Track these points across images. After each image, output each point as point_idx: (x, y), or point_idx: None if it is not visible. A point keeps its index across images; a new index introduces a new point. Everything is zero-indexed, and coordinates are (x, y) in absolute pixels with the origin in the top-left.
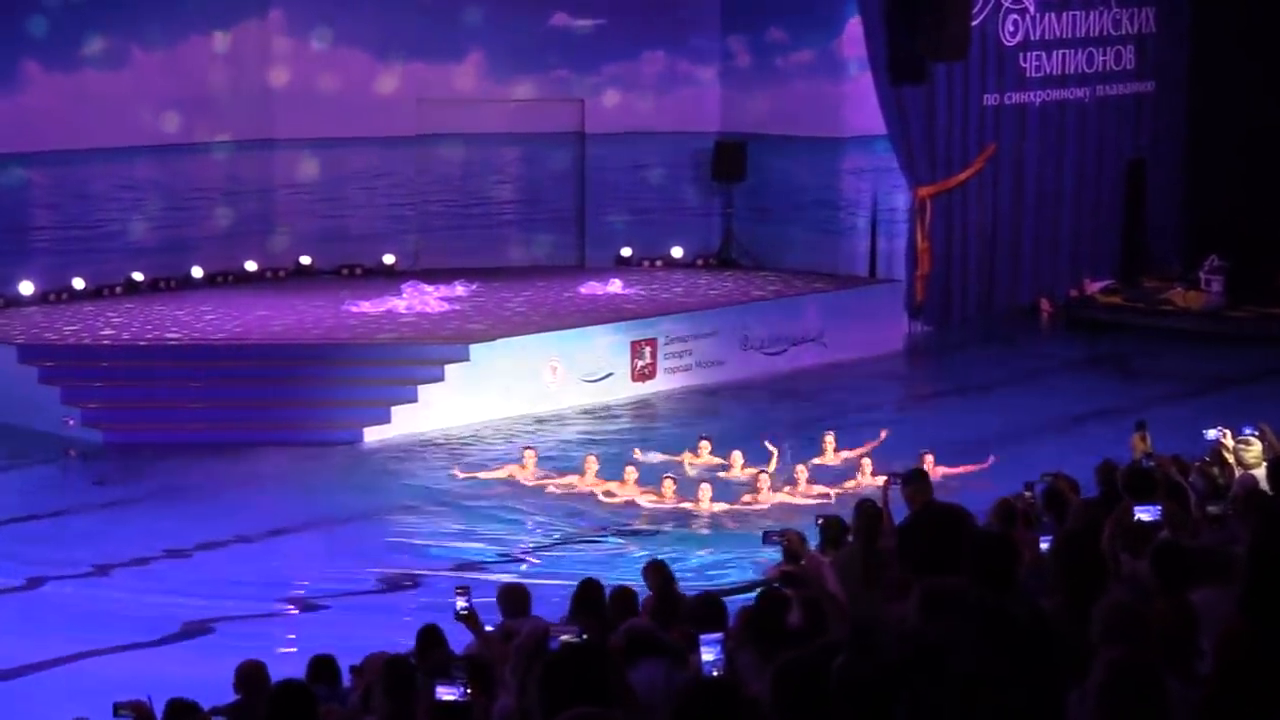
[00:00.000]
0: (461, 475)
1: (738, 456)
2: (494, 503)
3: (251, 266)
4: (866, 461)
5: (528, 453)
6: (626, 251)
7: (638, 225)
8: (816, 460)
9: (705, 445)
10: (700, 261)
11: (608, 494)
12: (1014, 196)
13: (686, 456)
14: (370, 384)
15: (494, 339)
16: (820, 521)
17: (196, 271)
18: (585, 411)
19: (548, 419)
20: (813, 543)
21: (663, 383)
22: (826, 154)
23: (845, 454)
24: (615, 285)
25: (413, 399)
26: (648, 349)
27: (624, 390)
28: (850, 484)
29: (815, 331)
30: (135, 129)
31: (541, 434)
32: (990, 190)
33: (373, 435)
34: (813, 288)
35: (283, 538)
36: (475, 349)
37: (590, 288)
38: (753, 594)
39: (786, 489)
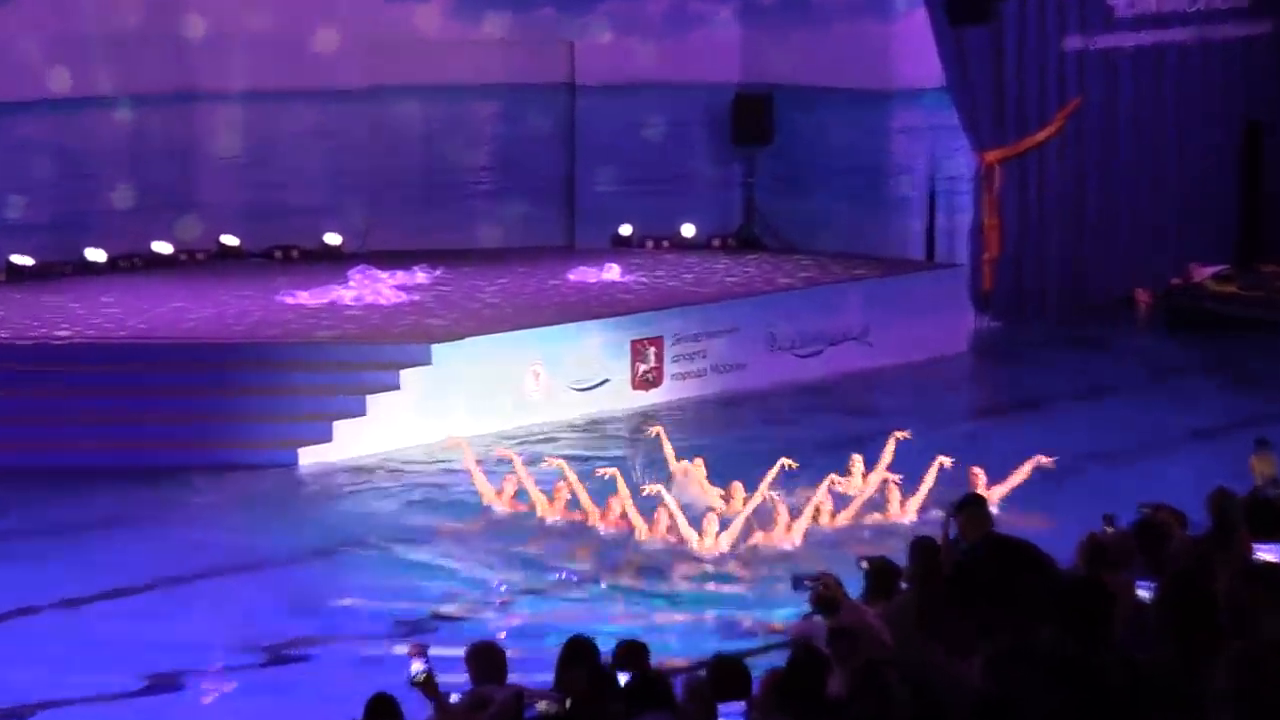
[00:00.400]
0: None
1: (738, 488)
2: (454, 542)
3: (163, 248)
4: (894, 488)
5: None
6: (626, 230)
7: (639, 198)
8: (839, 487)
9: (698, 466)
10: (716, 242)
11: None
12: (1102, 162)
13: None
14: (308, 393)
15: (462, 338)
16: (866, 564)
17: (95, 255)
18: (575, 427)
19: (528, 436)
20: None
21: (670, 391)
22: (871, 110)
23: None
24: (612, 272)
25: (360, 412)
26: (652, 350)
27: (622, 400)
28: (877, 517)
29: (858, 328)
30: (18, 80)
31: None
32: (1073, 155)
33: (310, 457)
34: (854, 274)
35: (182, 589)
36: (439, 350)
37: (581, 274)
38: (760, 653)
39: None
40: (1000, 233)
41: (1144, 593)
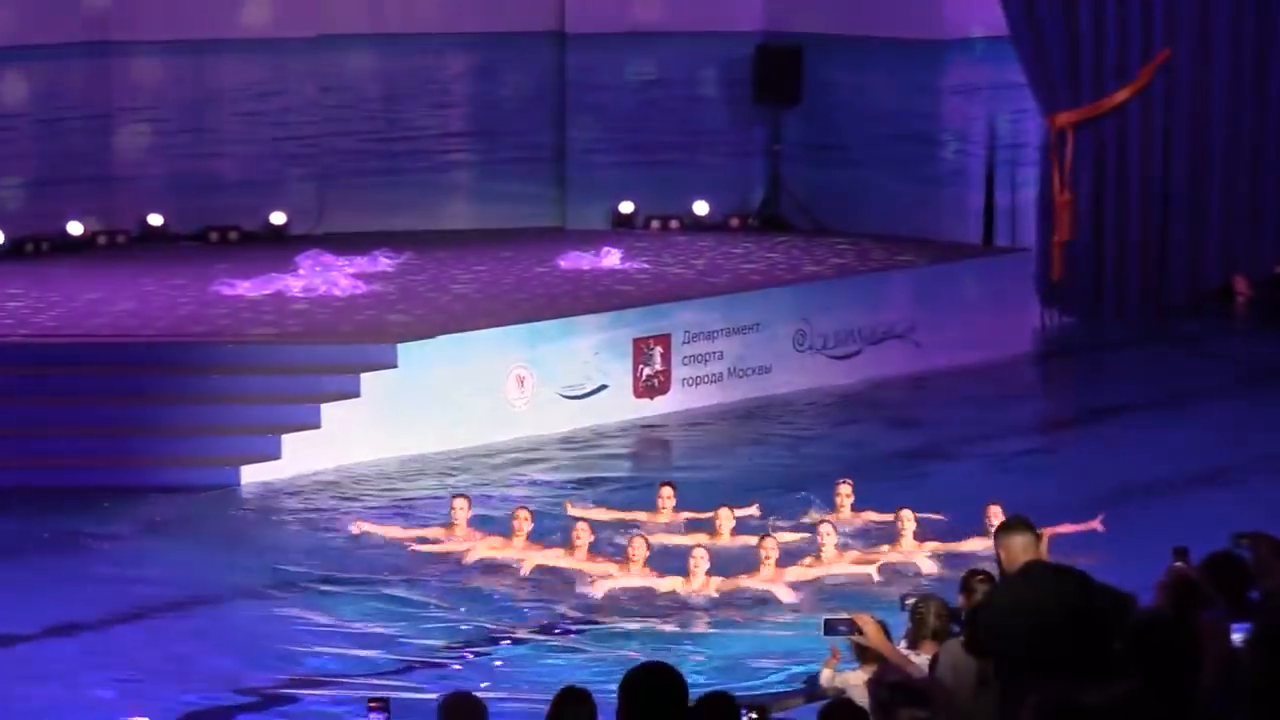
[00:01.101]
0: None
1: (726, 515)
2: (416, 578)
3: (76, 229)
4: (908, 517)
5: (520, 514)
6: (627, 207)
7: (643, 169)
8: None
9: (667, 495)
10: (735, 222)
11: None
12: (1195, 129)
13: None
14: (251, 401)
15: (432, 336)
16: (911, 604)
17: None
18: (566, 441)
19: (510, 452)
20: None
21: (679, 399)
22: (920, 65)
23: (871, 515)
24: (611, 257)
25: (314, 423)
26: (658, 350)
27: (623, 410)
28: (885, 551)
29: (903, 325)
30: None
31: (498, 475)
32: (1160, 119)
33: (254, 475)
34: (899, 260)
35: (98, 636)
36: (405, 350)
37: (574, 260)
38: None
39: (806, 560)
40: (1073, 212)
41: (1239, 636)
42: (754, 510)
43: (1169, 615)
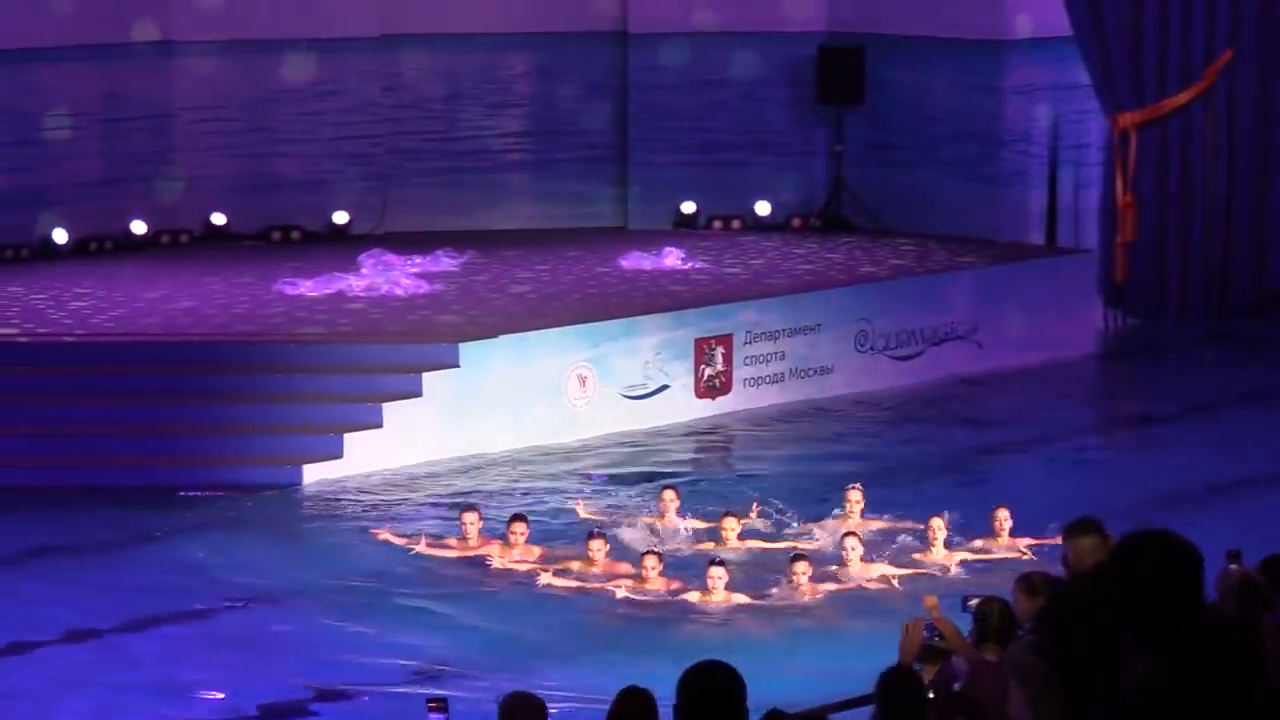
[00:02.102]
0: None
1: (731, 523)
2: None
3: (139, 228)
4: (939, 526)
5: (515, 529)
6: (689, 208)
7: (704, 169)
8: (833, 522)
9: (670, 499)
10: (797, 222)
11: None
12: (1260, 129)
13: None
14: (314, 401)
15: (494, 335)
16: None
17: (58, 235)
18: (626, 442)
19: (570, 452)
20: None
21: (740, 399)
22: (982, 65)
23: (880, 523)
24: (672, 258)
25: (375, 422)
26: (719, 350)
27: (684, 410)
28: (917, 559)
29: (965, 326)
30: None
31: (561, 474)
32: (1225, 119)
33: (316, 475)
34: (961, 261)
35: (159, 635)
36: (467, 349)
37: (636, 260)
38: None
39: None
40: (1136, 213)
41: None
42: (754, 515)
43: (1234, 616)
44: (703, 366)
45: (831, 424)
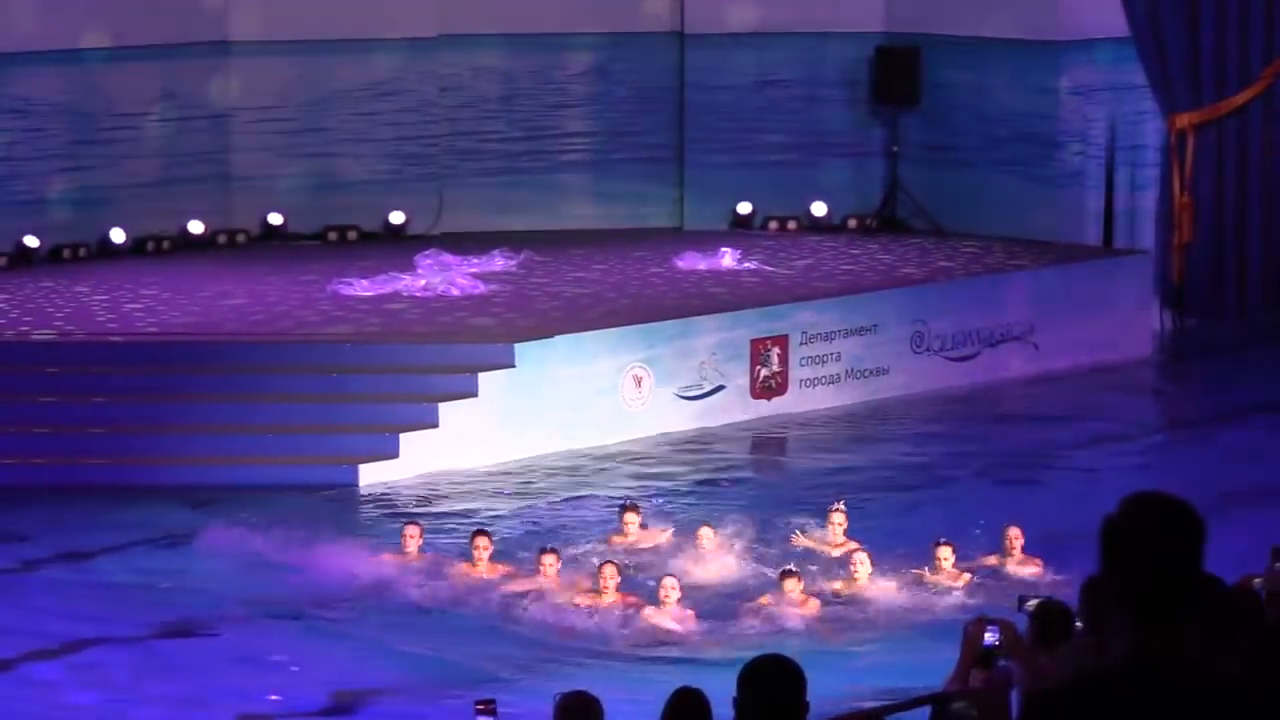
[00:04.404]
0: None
1: (708, 533)
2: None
3: (197, 228)
4: (945, 556)
5: (478, 543)
6: (745, 208)
7: (761, 170)
8: (810, 542)
9: (632, 520)
10: (853, 223)
11: None
12: None
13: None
14: (371, 400)
15: (550, 336)
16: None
17: (117, 235)
18: (682, 443)
19: (624, 453)
20: None
21: (796, 400)
22: (1039, 66)
23: (855, 545)
24: (728, 258)
25: (432, 422)
26: (775, 351)
27: (740, 410)
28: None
29: (1022, 327)
30: (23, 29)
31: (613, 478)
32: None
33: (372, 475)
34: (1017, 263)
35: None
36: (523, 349)
37: (691, 261)
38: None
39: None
40: (1193, 214)
41: None
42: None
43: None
44: (758, 367)
45: (888, 424)
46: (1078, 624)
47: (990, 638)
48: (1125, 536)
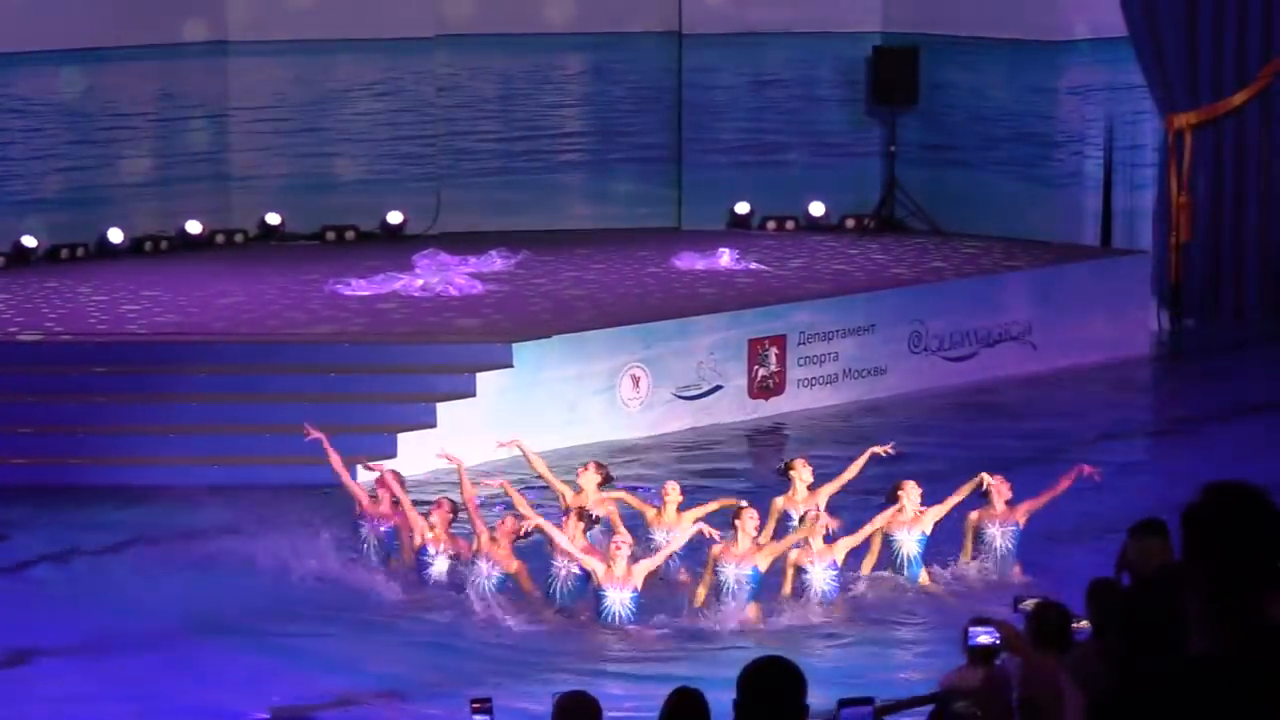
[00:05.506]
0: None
1: (673, 488)
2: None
3: (194, 228)
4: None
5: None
6: (743, 208)
7: (758, 170)
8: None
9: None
10: (850, 223)
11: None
12: None
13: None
14: (368, 400)
15: (548, 335)
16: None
17: (115, 234)
18: (680, 444)
19: (623, 451)
20: None
21: (794, 399)
22: (1037, 66)
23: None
24: (726, 257)
25: (429, 422)
26: (773, 351)
27: (737, 410)
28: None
29: (1019, 327)
30: (22, 29)
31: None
32: (1279, 120)
33: (371, 475)
34: (1015, 263)
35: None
36: (520, 349)
37: (689, 260)
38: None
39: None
40: (1192, 213)
41: None
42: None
43: None
44: (756, 367)
45: (885, 424)
46: (1076, 624)
47: (988, 639)
48: (1209, 524)
